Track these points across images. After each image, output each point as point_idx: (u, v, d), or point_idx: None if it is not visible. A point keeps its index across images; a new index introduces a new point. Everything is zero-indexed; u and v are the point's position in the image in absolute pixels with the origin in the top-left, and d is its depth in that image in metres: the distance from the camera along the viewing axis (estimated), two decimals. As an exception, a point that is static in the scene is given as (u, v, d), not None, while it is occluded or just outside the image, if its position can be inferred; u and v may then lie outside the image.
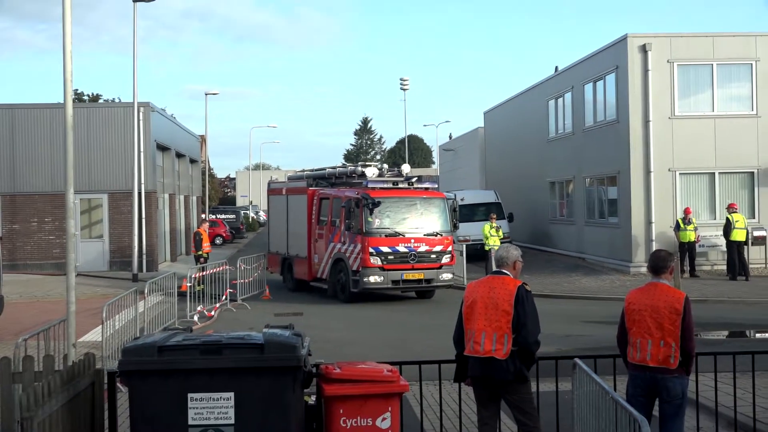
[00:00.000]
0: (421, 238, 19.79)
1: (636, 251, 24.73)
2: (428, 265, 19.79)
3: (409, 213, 20.05)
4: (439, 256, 19.95)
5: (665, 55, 24.81)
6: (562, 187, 31.85)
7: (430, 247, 19.84)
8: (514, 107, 38.63)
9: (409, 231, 19.79)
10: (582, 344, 13.57)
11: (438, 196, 20.78)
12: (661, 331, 6.57)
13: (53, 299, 20.47)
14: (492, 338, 6.67)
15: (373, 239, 19.46)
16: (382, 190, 20.17)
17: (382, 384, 6.32)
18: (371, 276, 19.31)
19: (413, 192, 20.54)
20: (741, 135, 24.77)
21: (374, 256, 19.37)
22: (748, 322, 16.63)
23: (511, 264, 6.97)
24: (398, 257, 19.57)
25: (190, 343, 6.21)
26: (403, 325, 16.98)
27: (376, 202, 19.49)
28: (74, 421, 6.35)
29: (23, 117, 29.16)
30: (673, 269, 6.97)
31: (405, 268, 19.56)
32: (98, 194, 29.03)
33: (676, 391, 6.57)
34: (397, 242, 19.59)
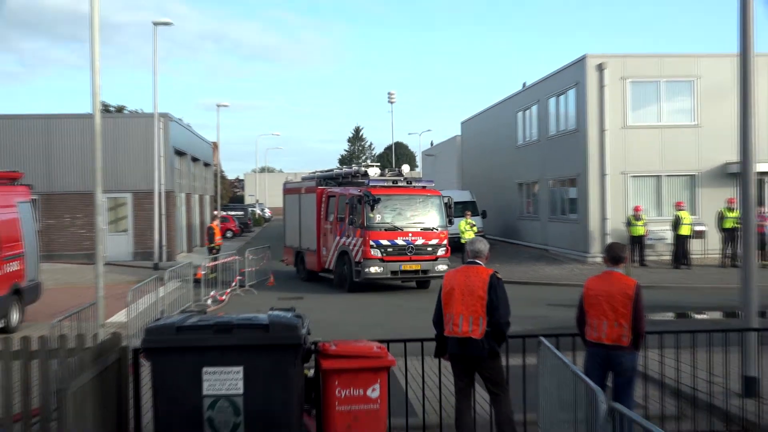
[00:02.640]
0: (419, 232, 19.11)
1: (592, 244, 24.80)
2: (425, 257, 19.08)
3: (407, 209, 19.37)
4: (435, 248, 19.22)
5: (619, 73, 24.88)
6: (529, 187, 31.89)
7: (427, 240, 19.11)
8: (487, 118, 38.63)
9: (407, 226, 19.11)
10: (546, 324, 13.61)
11: (434, 193, 19.96)
12: (615, 313, 6.60)
13: (84, 285, 20.37)
14: (469, 320, 6.68)
15: (373, 233, 18.80)
16: (382, 187, 19.57)
17: (372, 359, 6.33)
18: (372, 267, 18.69)
19: (411, 190, 19.85)
20: (684, 143, 24.88)
21: (374, 249, 18.72)
22: (690, 305, 16.71)
23: (485, 256, 6.99)
24: (397, 250, 18.89)
25: (204, 323, 6.21)
26: (392, 310, 16.96)
27: (376, 199, 18.84)
28: (103, 392, 6.34)
29: (57, 126, 29.01)
30: (626, 259, 7.01)
31: (403, 260, 18.91)
32: (123, 193, 28.89)
33: (627, 365, 6.61)
34: (395, 236, 18.94)
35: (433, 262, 19.18)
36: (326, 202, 21.50)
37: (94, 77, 11.47)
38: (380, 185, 19.71)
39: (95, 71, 11.47)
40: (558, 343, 6.90)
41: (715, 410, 7.65)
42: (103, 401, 6.31)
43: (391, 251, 18.87)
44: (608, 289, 6.66)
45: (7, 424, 6.81)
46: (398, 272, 18.99)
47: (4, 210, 14.13)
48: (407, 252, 18.97)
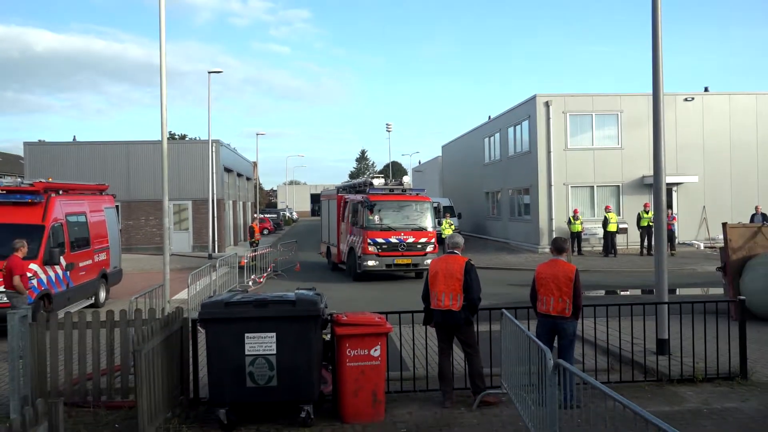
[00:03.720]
0: (410, 231, 17.76)
1: (542, 238, 24.74)
2: (415, 253, 17.74)
3: (400, 213, 18.10)
4: (425, 245, 17.82)
5: (561, 108, 24.83)
6: (494, 195, 31.84)
7: (417, 239, 17.74)
8: (462, 142, 38.59)
9: (401, 226, 17.84)
10: (507, 300, 13.58)
11: (425, 200, 18.49)
12: (559, 291, 6.58)
13: (155, 271, 20.32)
14: (450, 296, 6.65)
15: (371, 232, 17.59)
16: (380, 194, 18.36)
17: (374, 326, 6.30)
18: (369, 261, 17.52)
19: (405, 196, 18.53)
20: (611, 161, 24.82)
21: (372, 245, 17.53)
22: (617, 284, 16.66)
23: (461, 247, 6.97)
24: (391, 246, 17.63)
25: (247, 299, 6.19)
26: (390, 290, 16.88)
27: (372, 204, 17.74)
28: (169, 353, 6.31)
29: (135, 149, 28.94)
30: (567, 250, 6.99)
31: (396, 255, 17.65)
32: (185, 201, 28.77)
33: (569, 331, 6.59)
34: (390, 235, 17.65)
35: (422, 257, 17.87)
36: (343, 207, 20.82)
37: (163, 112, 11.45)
38: (379, 193, 18.58)
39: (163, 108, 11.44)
40: (516, 314, 6.88)
41: (636, 365, 7.64)
42: (169, 360, 6.28)
43: (386, 248, 17.66)
44: (554, 273, 6.64)
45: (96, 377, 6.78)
46: (392, 265, 17.74)
47: (95, 213, 14.10)
48: (400, 248, 17.72)
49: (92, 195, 14.39)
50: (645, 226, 22.72)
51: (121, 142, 29.69)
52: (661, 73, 8.32)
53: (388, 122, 57.96)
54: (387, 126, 57.28)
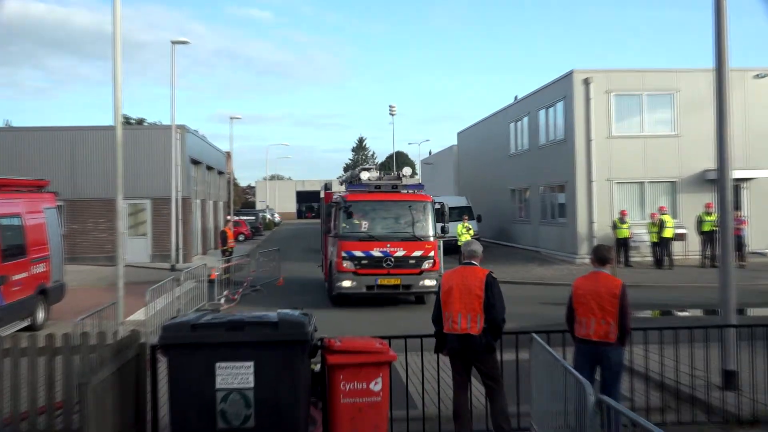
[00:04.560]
0: (399, 242, 16.22)
1: (580, 245, 24.74)
2: (406, 271, 16.11)
3: (388, 216, 16.71)
4: (419, 261, 16.19)
5: (604, 87, 24.86)
6: (521, 193, 31.85)
7: (409, 252, 16.16)
8: (482, 128, 38.63)
9: (387, 235, 16.34)
10: (537, 321, 13.55)
11: (421, 199, 16.94)
12: (602, 311, 6.56)
13: (105, 286, 20.36)
14: (467, 318, 6.64)
15: (346, 243, 16.16)
16: (360, 192, 16.98)
17: (375, 354, 6.29)
18: (344, 281, 16.02)
19: (394, 195, 16.99)
20: (664, 151, 24.84)
21: (347, 260, 16.05)
22: (672, 303, 16.64)
23: (479, 257, 6.96)
24: (373, 262, 16.05)
25: (218, 321, 6.19)
26: (394, 309, 16.89)
27: (348, 205, 16.39)
28: (122, 386, 6.30)
29: (82, 137, 29.05)
30: (612, 260, 6.97)
31: (380, 273, 16.03)
32: (143, 200, 28.86)
33: (614, 360, 6.57)
34: (371, 246, 16.12)
35: (417, 276, 16.14)
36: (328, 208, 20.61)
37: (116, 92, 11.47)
38: (360, 190, 17.15)
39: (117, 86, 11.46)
40: (549, 339, 6.86)
41: (697, 402, 7.60)
42: (123, 395, 6.27)
43: (366, 263, 16.06)
44: (596, 289, 6.62)
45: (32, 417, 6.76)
46: (374, 287, 16.07)
47: (32, 215, 14.12)
48: (384, 264, 16.08)
49: (29, 192, 14.43)
50: (707, 232, 22.70)
51: (66, 128, 29.76)
52: (725, 43, 8.31)
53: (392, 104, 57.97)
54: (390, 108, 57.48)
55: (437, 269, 16.39)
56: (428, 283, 16.20)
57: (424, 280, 16.23)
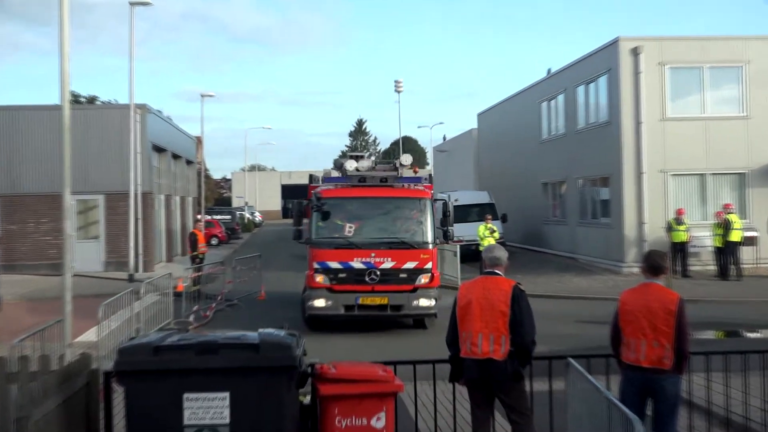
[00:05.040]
0: (387, 250, 15.68)
1: (628, 251, 24.73)
2: (395, 287, 15.57)
3: (373, 218, 16.33)
4: (413, 275, 15.66)
5: (656, 58, 24.83)
6: (555, 188, 31.84)
7: (399, 263, 15.61)
8: (507, 109, 38.63)
9: (371, 241, 15.84)
10: (575, 344, 13.55)
11: (416, 195, 16.48)
12: (654, 331, 6.55)
13: (49, 300, 20.39)
14: (489, 339, 6.64)
15: (318, 251, 15.73)
16: (340, 187, 16.73)
17: (377, 384, 6.29)
18: (316, 299, 15.59)
19: (381, 190, 16.53)
20: (731, 136, 24.81)
21: (320, 273, 15.61)
22: (741, 321, 16.62)
23: (504, 265, 6.96)
24: (353, 275, 15.56)
25: (186, 343, 6.19)
26: (400, 330, 16.85)
27: (321, 203, 15.98)
28: (70, 421, 6.31)
29: (22, 119, 29.10)
30: (667, 270, 6.97)
31: (362, 290, 15.53)
32: (94, 195, 28.94)
33: (669, 391, 6.56)
34: (351, 256, 15.58)
35: (409, 294, 15.62)
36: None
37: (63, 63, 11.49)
38: (339, 184, 16.94)
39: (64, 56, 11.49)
40: (589, 365, 6.85)
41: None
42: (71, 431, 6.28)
43: (344, 277, 15.58)
44: (647, 304, 6.62)
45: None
46: (354, 307, 15.61)
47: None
48: (367, 279, 15.56)
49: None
50: (783, 235, 22.67)
51: (2, 108, 29.81)
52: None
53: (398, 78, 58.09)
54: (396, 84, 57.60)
55: (436, 285, 16.02)
56: (424, 304, 15.69)
57: (419, 300, 15.67)
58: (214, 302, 19.83)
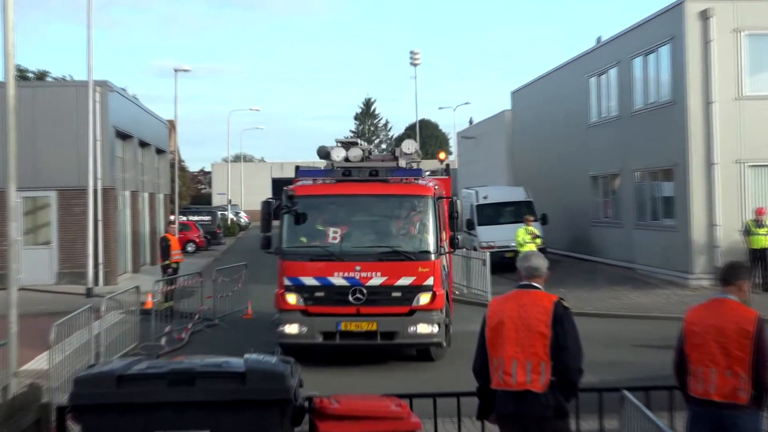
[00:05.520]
0: (376, 263, 15.40)
1: (696, 260, 24.66)
2: (386, 309, 15.23)
3: (358, 221, 16.38)
4: (409, 294, 15.31)
5: (730, 23, 24.76)
6: (606, 182, 31.79)
7: (391, 278, 15.31)
8: (547, 86, 38.61)
9: (357, 251, 15.63)
10: (631, 373, 13.52)
11: (416, 192, 16.19)
12: (727, 358, 6.53)
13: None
14: (526, 367, 6.63)
15: (290, 264, 15.55)
16: (319, 183, 16.68)
17: (389, 421, 6.31)
18: (287, 325, 15.27)
19: (370, 187, 16.16)
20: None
21: (292, 292, 15.38)
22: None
23: (544, 276, 6.96)
24: (333, 294, 15.35)
25: (156, 371, 6.22)
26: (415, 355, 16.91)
27: (293, 203, 15.72)
28: (16, 466, 6.34)
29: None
30: (746, 283, 6.93)
31: (344, 313, 15.24)
32: (45, 192, 29.03)
33: (747, 429, 6.55)
34: (331, 269, 15.37)
35: (405, 318, 15.25)
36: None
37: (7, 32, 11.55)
38: (319, 178, 16.88)
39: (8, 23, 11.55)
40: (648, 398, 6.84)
41: None
42: (17, 479, 6.31)
43: (322, 297, 15.40)
44: (719, 324, 6.60)
45: None
46: (335, 335, 15.32)
47: None
48: (352, 299, 15.26)
49: None
50: None
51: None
52: None
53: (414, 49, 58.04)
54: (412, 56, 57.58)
55: (439, 306, 15.57)
56: (424, 330, 15.25)
57: (418, 326, 15.23)
58: (191, 322, 19.87)
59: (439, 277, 15.71)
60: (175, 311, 20.33)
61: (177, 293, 21.19)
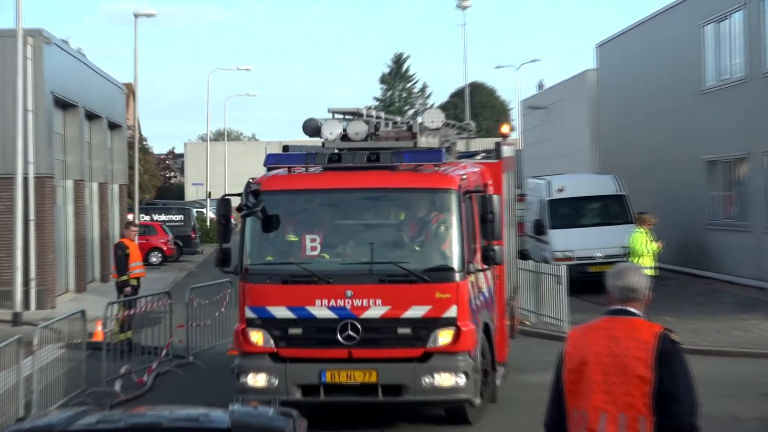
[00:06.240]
0: (375, 285, 14.98)
1: None
2: (390, 352, 14.92)
3: (350, 227, 16.18)
4: (422, 329, 14.91)
5: None
6: (729, 169, 31.69)
7: (396, 307, 14.85)
8: (645, 38, 38.60)
9: (347, 269, 15.45)
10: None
11: (434, 185, 15.73)
12: None
13: None
14: (619, 422, 6.63)
15: (255, 288, 15.31)
16: (295, 175, 16.31)
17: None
18: (250, 374, 15.03)
19: (368, 177, 15.78)
20: None
21: (257, 328, 15.06)
22: None
23: (644, 298, 6.93)
24: (315, 331, 15.16)
25: (109, 426, 6.25)
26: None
27: (258, 201, 15.28)
28: None
29: None
30: None
31: (331, 358, 14.95)
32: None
33: None
34: (311, 296, 14.98)
35: (417, 365, 14.79)
36: None
37: None
38: (294, 167, 16.42)
39: None
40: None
41: None
42: None
43: (299, 335, 15.16)
44: None
45: None
46: (318, 389, 14.97)
47: None
48: (342, 338, 14.82)
49: None
50: None
51: None
52: None
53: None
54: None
55: (468, 348, 15.04)
56: (445, 382, 14.77)
57: (436, 375, 14.76)
58: (155, 360, 19.92)
59: (467, 306, 15.06)
60: (134, 345, 20.40)
61: (137, 321, 21.27)
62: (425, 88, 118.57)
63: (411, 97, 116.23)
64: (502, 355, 16.76)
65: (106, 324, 19.33)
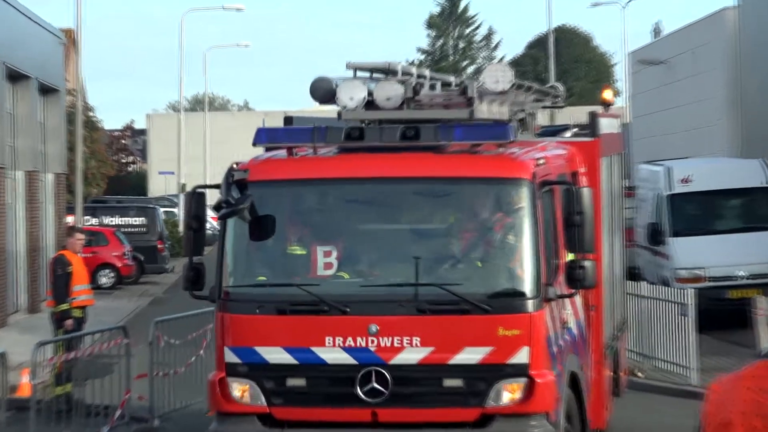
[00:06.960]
0: (410, 317, 14.90)
1: None
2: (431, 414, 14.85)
3: (374, 233, 16.24)
4: (478, 381, 14.75)
5: None
6: None
7: (442, 349, 14.75)
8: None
9: (370, 292, 15.31)
10: None
11: (496, 174, 15.47)
12: None
13: None
14: None
15: (239, 321, 15.35)
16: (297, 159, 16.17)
17: None
18: None
19: (405, 162, 15.68)
20: None
21: (241, 378, 15.11)
22: None
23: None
24: (324, 383, 15.22)
25: None
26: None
27: (245, 199, 15.06)
28: None
29: None
30: None
31: (348, 422, 14.90)
32: None
33: None
34: (319, 331, 14.92)
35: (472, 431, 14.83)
36: None
37: None
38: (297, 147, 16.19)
39: None
40: None
41: None
42: None
43: (303, 389, 15.21)
44: None
45: None
46: None
47: None
48: (363, 393, 14.71)
49: None
50: None
51: None
52: None
53: None
54: None
55: (547, 408, 14.87)
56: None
57: None
58: (107, 425, 20.02)
59: (544, 347, 14.85)
60: (76, 403, 20.48)
61: (81, 367, 21.34)
62: (491, 35, 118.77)
63: (469, 46, 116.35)
64: (599, 420, 16.90)
65: (35, 373, 19.36)
